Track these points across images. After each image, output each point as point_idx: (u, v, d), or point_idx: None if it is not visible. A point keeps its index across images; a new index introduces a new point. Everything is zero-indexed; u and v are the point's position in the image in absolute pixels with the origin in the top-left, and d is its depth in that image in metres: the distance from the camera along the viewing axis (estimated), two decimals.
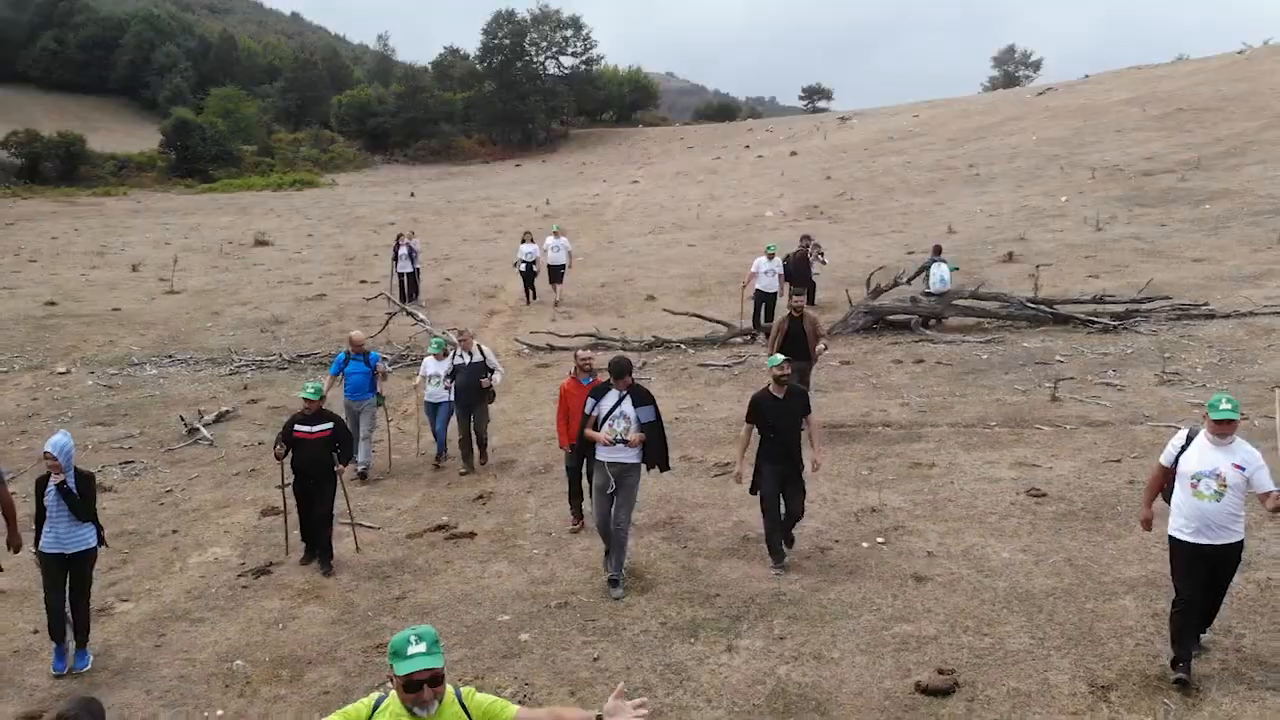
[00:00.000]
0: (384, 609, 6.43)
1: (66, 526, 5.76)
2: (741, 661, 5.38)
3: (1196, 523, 4.84)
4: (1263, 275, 15.24)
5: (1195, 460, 4.91)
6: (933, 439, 9.19)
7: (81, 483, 5.85)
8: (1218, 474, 4.80)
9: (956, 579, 6.18)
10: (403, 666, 2.59)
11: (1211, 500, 4.80)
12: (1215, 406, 4.85)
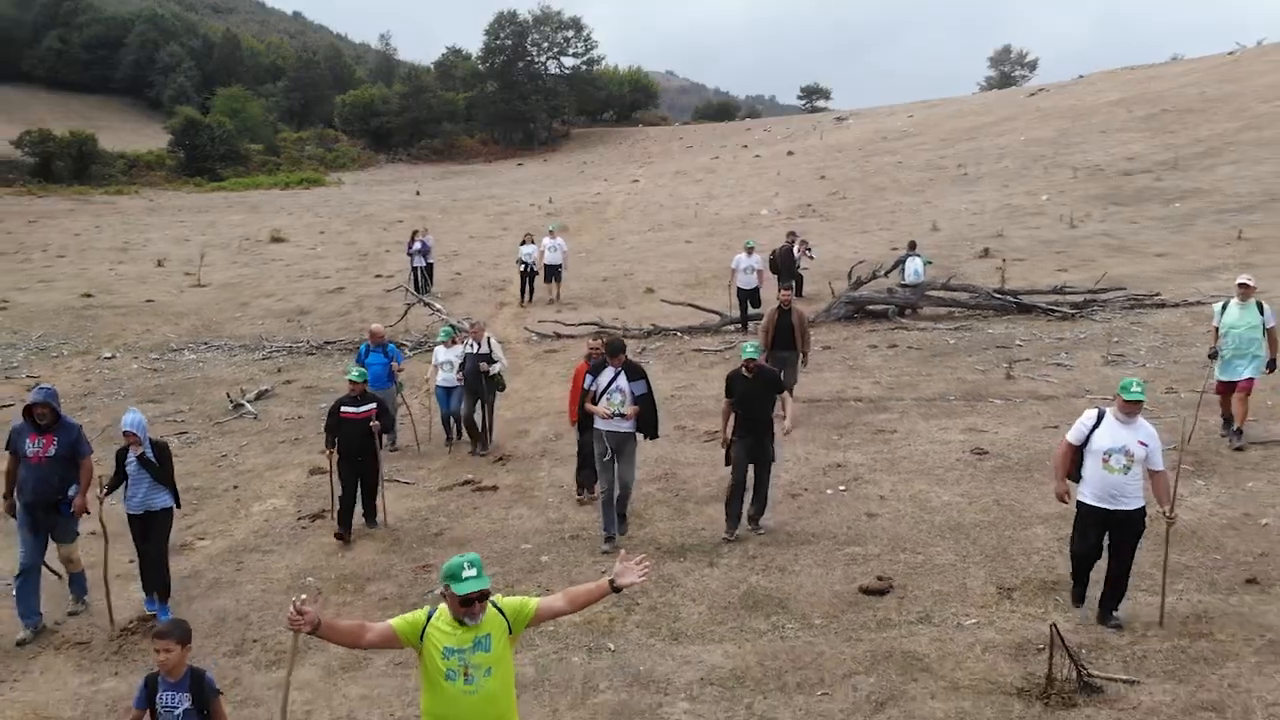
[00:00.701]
0: (425, 541, 7.73)
1: (147, 491, 6.62)
2: (720, 573, 6.68)
3: (1105, 492, 5.55)
4: (1217, 268, 16.52)
5: (1107, 438, 5.56)
6: (897, 410, 10.48)
7: (158, 452, 6.69)
8: (1127, 450, 5.50)
9: (901, 515, 7.47)
10: (460, 588, 3.29)
11: (1120, 473, 5.50)
12: (1127, 389, 5.52)
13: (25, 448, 6.50)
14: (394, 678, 5.64)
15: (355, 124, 67.90)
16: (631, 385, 7.36)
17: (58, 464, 6.54)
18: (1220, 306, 8.85)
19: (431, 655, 3.39)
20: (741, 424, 7.33)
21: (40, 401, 6.52)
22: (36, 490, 6.48)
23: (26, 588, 6.49)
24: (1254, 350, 8.44)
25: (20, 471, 6.57)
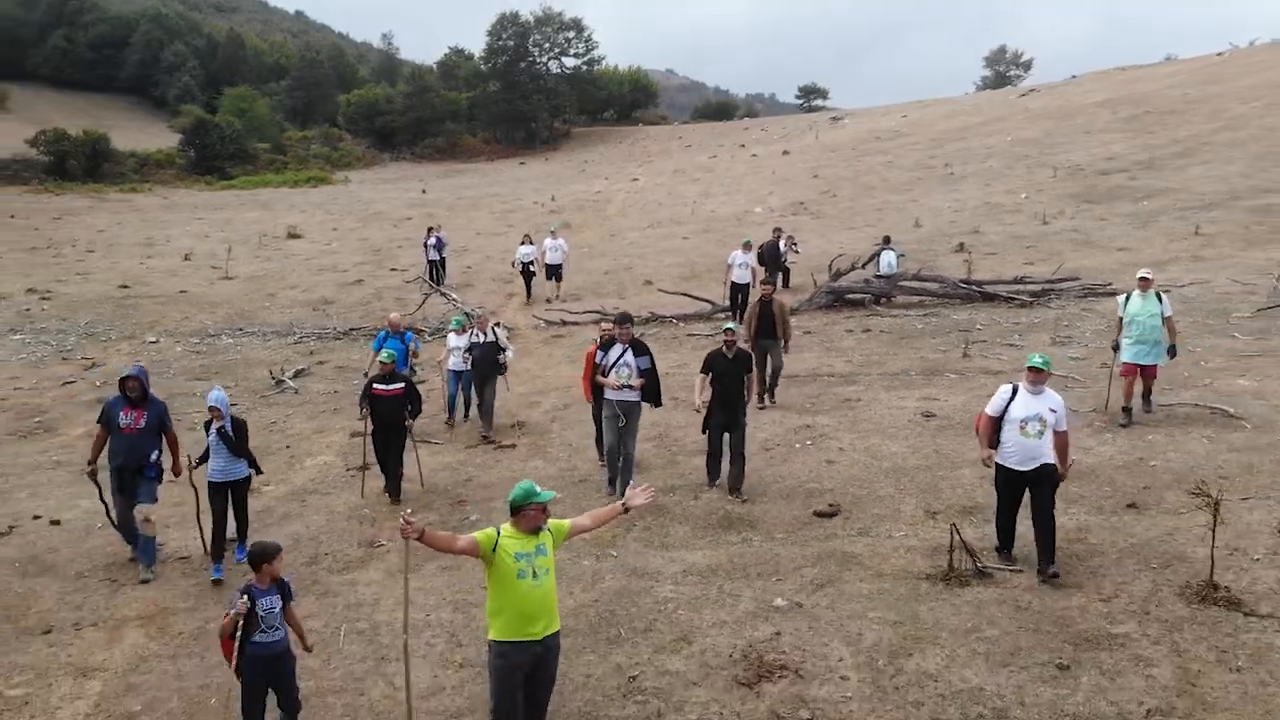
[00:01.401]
0: (458, 485, 9.28)
1: (226, 460, 7.51)
2: (702, 504, 8.22)
3: (1021, 454, 6.40)
4: (1170, 261, 18.06)
5: (1022, 408, 6.45)
6: (863, 383, 12.02)
7: (236, 427, 7.56)
8: (1040, 417, 6.39)
9: (855, 462, 9.00)
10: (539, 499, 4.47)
11: (1035, 438, 6.38)
12: (1031, 359, 6.51)
13: (119, 419, 7.55)
14: (440, 577, 7.18)
15: (360, 123, 69.42)
16: (638, 360, 8.51)
17: (146, 434, 7.59)
18: (1124, 298, 9.96)
19: (505, 561, 4.48)
20: (717, 398, 8.44)
21: (131, 375, 7.67)
22: (128, 456, 7.52)
23: (134, 536, 7.59)
24: (1156, 337, 9.51)
25: (112, 441, 7.60)
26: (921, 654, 5.55)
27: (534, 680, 4.64)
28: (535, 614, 4.57)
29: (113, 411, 7.64)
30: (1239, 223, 20.67)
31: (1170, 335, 9.67)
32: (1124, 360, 9.69)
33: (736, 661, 5.60)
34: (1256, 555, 6.50)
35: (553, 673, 4.76)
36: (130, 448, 7.55)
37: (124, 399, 7.62)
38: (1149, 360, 9.59)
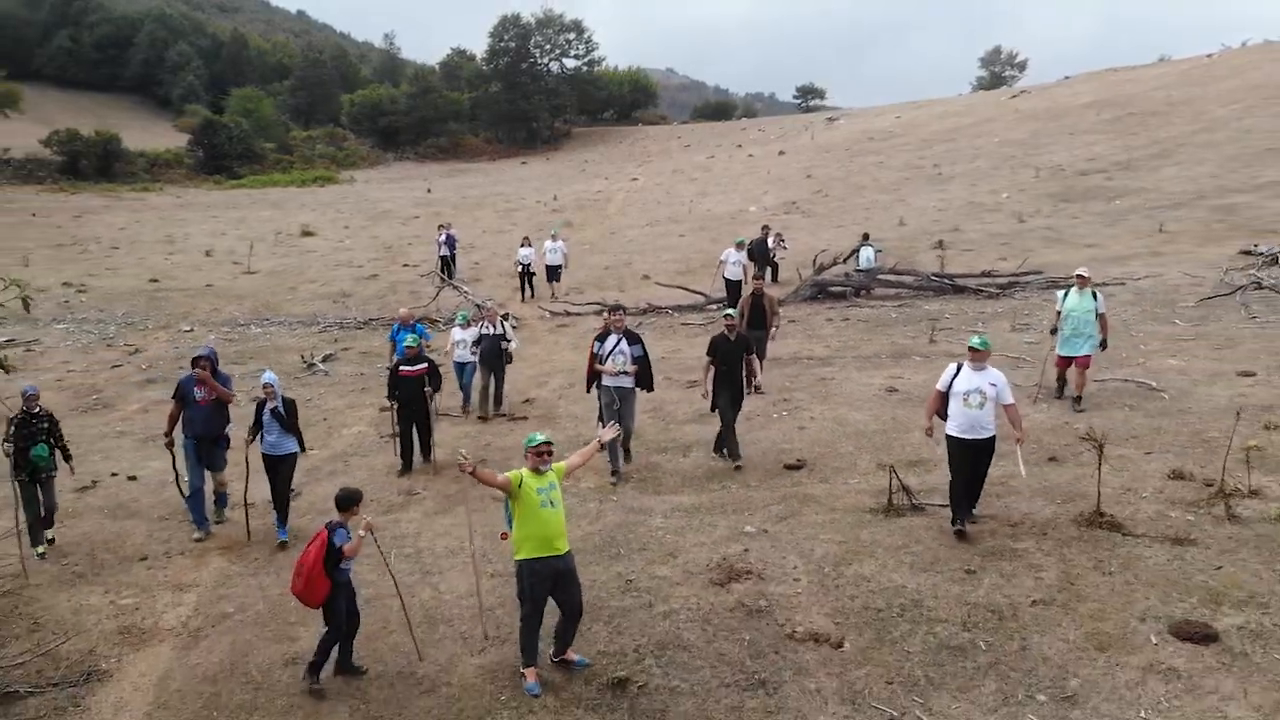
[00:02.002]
0: (480, 449, 10.70)
1: (277, 436, 8.35)
2: (690, 461, 9.66)
3: (966, 424, 7.31)
4: (1132, 257, 19.48)
5: (965, 383, 7.35)
6: (838, 365, 13.45)
7: (287, 406, 8.43)
8: (980, 391, 7.27)
9: (823, 428, 10.43)
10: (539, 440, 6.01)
11: (976, 409, 7.27)
12: (970, 342, 7.48)
13: (193, 394, 8.56)
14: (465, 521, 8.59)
15: (364, 123, 70.87)
16: (631, 349, 9.66)
17: (217, 407, 8.68)
18: (1062, 293, 10.97)
19: (530, 494, 5.84)
20: (721, 378, 9.61)
21: (203, 355, 8.81)
22: (204, 427, 8.57)
23: (196, 502, 8.66)
24: (1089, 331, 10.53)
25: (187, 413, 8.57)
26: (859, 563, 6.99)
27: (563, 587, 5.98)
28: (555, 535, 5.95)
29: (186, 388, 8.67)
30: (1201, 221, 22.07)
31: (1102, 329, 10.60)
32: (1058, 353, 10.75)
33: (711, 569, 7.04)
34: (1145, 494, 7.93)
35: (577, 578, 6.14)
36: (205, 420, 8.63)
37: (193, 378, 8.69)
38: (1081, 351, 10.54)
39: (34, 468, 8.15)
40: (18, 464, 8.13)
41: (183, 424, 8.70)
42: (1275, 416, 9.52)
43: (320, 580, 5.99)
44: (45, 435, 8.27)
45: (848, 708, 5.51)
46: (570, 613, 6.04)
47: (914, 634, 6.13)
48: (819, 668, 5.88)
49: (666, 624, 6.41)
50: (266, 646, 6.59)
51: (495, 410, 12.42)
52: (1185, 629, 6.03)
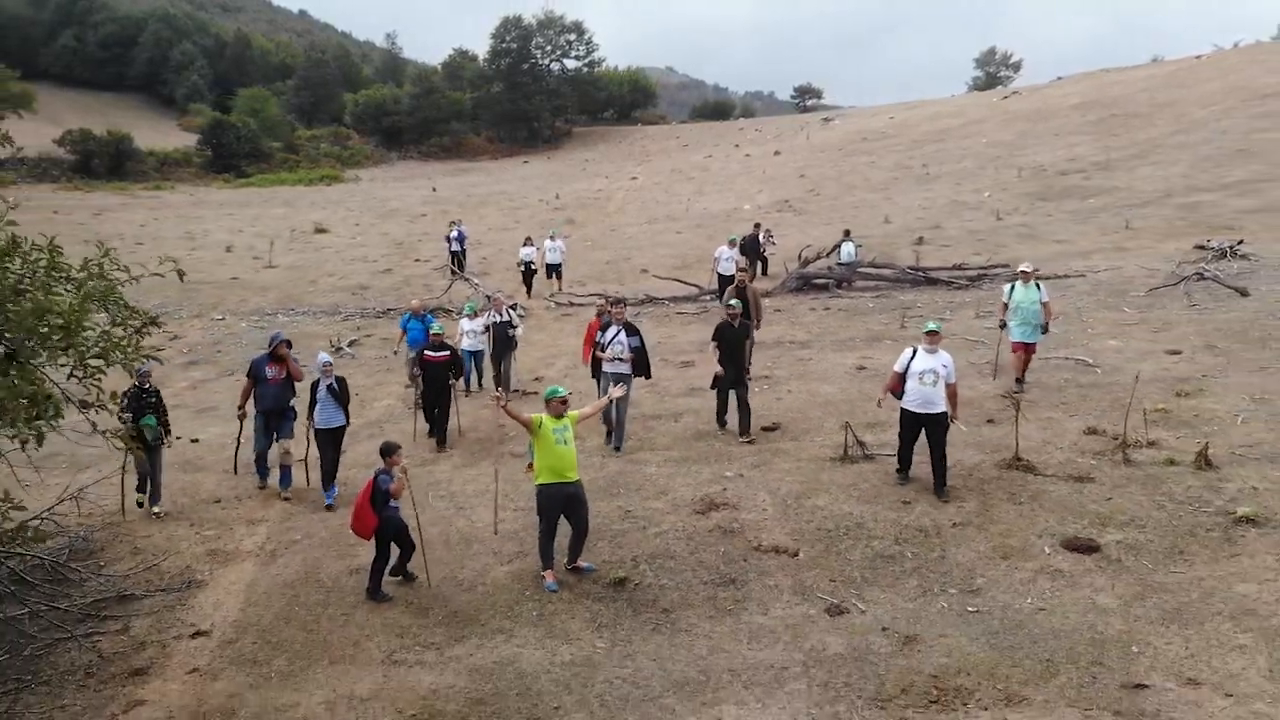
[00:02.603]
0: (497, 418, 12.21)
1: (331, 411, 9.61)
2: (680, 425, 11.21)
3: (920, 400, 8.48)
4: (1096, 252, 21.02)
5: (920, 364, 8.54)
6: (816, 347, 15.00)
7: (340, 383, 9.74)
8: (934, 371, 8.46)
9: (797, 398, 11.98)
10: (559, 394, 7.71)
11: (930, 387, 8.44)
12: (925, 326, 9.22)
13: (265, 373, 9.83)
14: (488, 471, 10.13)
15: (368, 122, 72.39)
16: (629, 340, 10.96)
17: (286, 384, 9.88)
18: (1009, 287, 12.28)
19: (548, 433, 7.45)
20: (725, 359, 10.78)
21: (277, 335, 10.23)
22: (273, 402, 9.79)
23: (261, 463, 10.15)
24: (1035, 320, 11.74)
25: (258, 390, 9.79)
26: (816, 497, 8.54)
27: (573, 508, 7.53)
28: (567, 467, 7.51)
29: (259, 368, 9.91)
30: (1165, 218, 23.61)
31: (1046, 316, 11.83)
32: (1013, 340, 11.93)
33: (695, 503, 8.59)
34: (1060, 446, 9.48)
35: (585, 502, 7.68)
36: (275, 395, 9.87)
37: (267, 357, 9.96)
38: (1032, 339, 11.80)
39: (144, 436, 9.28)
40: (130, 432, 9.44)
41: (254, 399, 9.95)
42: (1187, 386, 11.07)
43: (369, 516, 7.42)
44: (153, 408, 9.47)
45: (798, 598, 7.06)
46: (579, 529, 7.58)
47: (855, 547, 7.69)
48: (778, 570, 7.43)
49: (657, 541, 7.96)
50: (332, 562, 8.14)
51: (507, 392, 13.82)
52: (1074, 543, 7.58)
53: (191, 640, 7.14)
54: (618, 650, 6.54)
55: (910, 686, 5.86)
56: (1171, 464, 8.73)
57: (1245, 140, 31.89)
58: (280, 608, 7.47)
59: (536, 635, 6.81)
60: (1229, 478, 8.38)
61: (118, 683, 6.66)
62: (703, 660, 6.33)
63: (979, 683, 5.86)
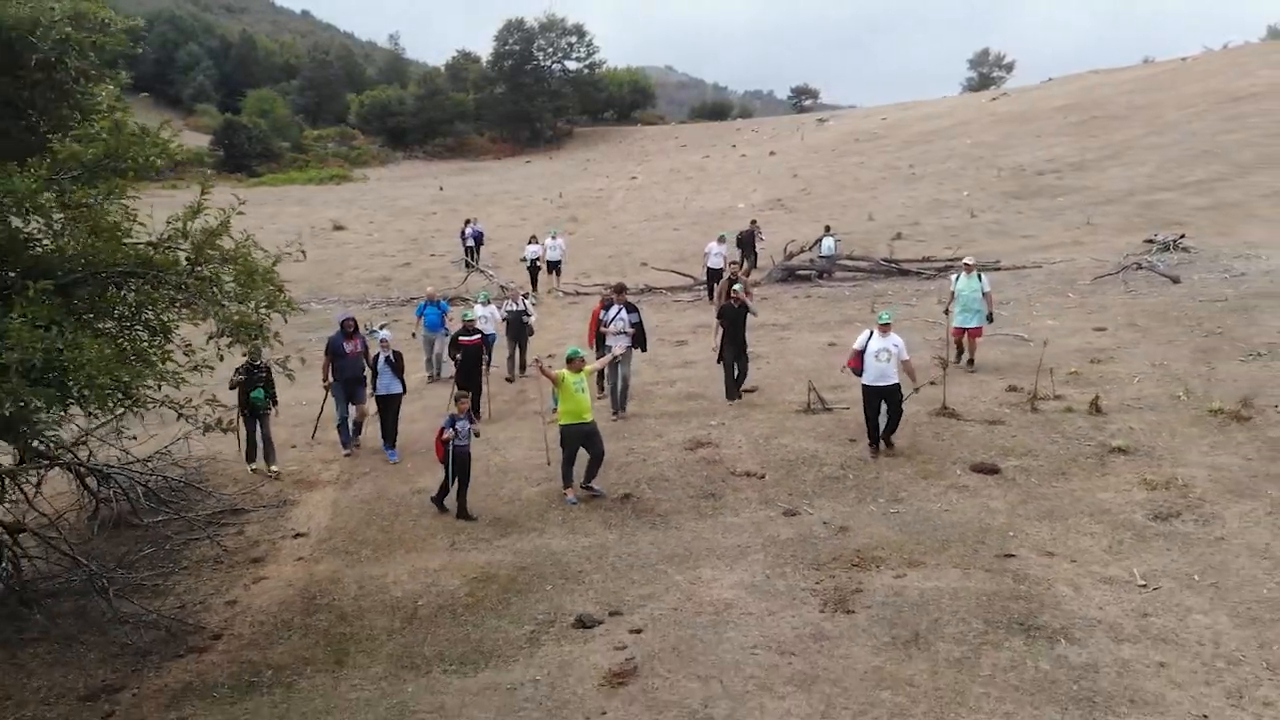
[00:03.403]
0: (514, 394, 14.41)
1: (389, 380, 11.43)
2: (675, 390, 13.40)
3: (876, 375, 10.06)
4: (1056, 246, 23.18)
5: (876, 345, 10.12)
6: (795, 329, 17.19)
7: (396, 356, 11.69)
8: (887, 350, 10.07)
9: (775, 368, 14.17)
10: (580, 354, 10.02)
11: (885, 363, 10.04)
12: (880, 317, 11.32)
13: (343, 347, 11.54)
14: (521, 427, 12.32)
15: (373, 122, 74.54)
16: (630, 316, 13.08)
17: (360, 357, 11.69)
18: (955, 277, 14.27)
19: (569, 384, 9.64)
20: (728, 336, 12.89)
21: (349, 318, 12.14)
22: (351, 372, 11.51)
23: (343, 429, 12.05)
24: (977, 307, 13.61)
25: (337, 363, 11.43)
26: (782, 437, 10.74)
27: (590, 442, 9.70)
28: (584, 410, 9.70)
29: (337, 343, 11.61)
30: (1125, 215, 25.77)
31: (988, 305, 13.67)
32: (954, 325, 13.82)
33: (685, 443, 10.79)
34: (984, 400, 11.68)
35: (599, 435, 9.85)
36: (352, 366, 11.59)
37: (343, 334, 11.84)
38: (972, 324, 13.67)
39: (253, 406, 11.04)
40: (241, 401, 11.01)
41: (334, 371, 11.65)
42: (1102, 355, 13.27)
43: (439, 445, 9.64)
44: (263, 382, 11.14)
45: (763, 506, 9.25)
46: (595, 456, 9.77)
47: (809, 472, 9.88)
48: (748, 487, 9.62)
49: (654, 469, 10.16)
50: (398, 485, 10.34)
51: (520, 374, 15.75)
52: (980, 466, 9.77)
53: (294, 539, 9.33)
54: (624, 539, 8.72)
55: (839, 557, 8.04)
56: (1069, 411, 10.93)
57: (1211, 142, 34.04)
58: (360, 516, 9.66)
59: (562, 531, 9.00)
60: (1113, 421, 10.58)
61: (242, 567, 8.85)
62: (688, 544, 8.52)
63: (890, 554, 8.04)
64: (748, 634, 6.92)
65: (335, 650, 7.29)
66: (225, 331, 7.01)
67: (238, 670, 7.16)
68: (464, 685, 6.65)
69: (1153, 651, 6.42)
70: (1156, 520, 8.38)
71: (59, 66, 6.79)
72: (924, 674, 6.29)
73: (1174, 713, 5.80)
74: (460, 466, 9.55)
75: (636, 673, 6.52)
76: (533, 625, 7.34)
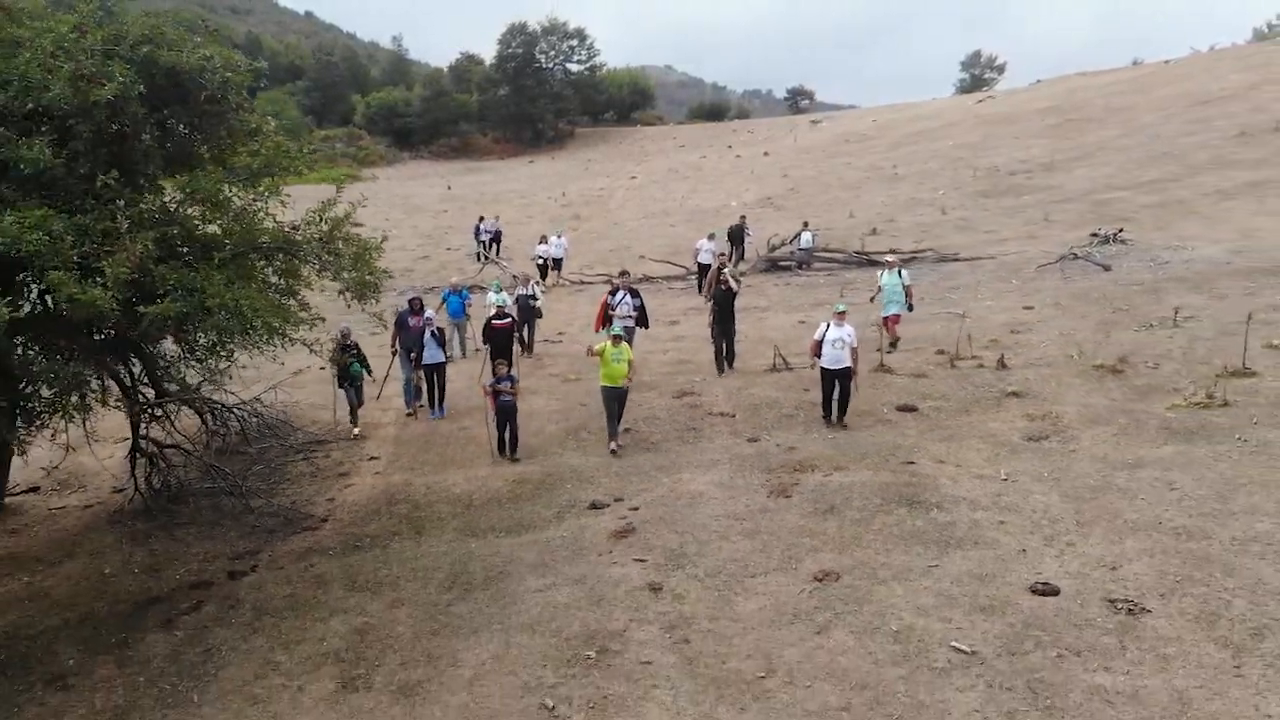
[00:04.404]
0: (548, 353, 17.27)
1: (434, 350, 14.18)
2: (667, 358, 16.27)
3: (832, 359, 11.95)
4: (1013, 239, 26.02)
5: (833, 334, 11.99)
6: (773, 310, 20.05)
7: (440, 332, 15.22)
8: (841, 339, 11.98)
9: (751, 339, 17.00)
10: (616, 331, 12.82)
11: (839, 350, 11.92)
12: (836, 307, 14.22)
13: (408, 321, 14.62)
14: (540, 389, 15.16)
15: (379, 123, 77.32)
16: (633, 300, 16.12)
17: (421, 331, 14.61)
18: (881, 273, 17.09)
19: (608, 355, 12.10)
20: (719, 315, 15.65)
21: (415, 296, 15.24)
22: (414, 342, 14.39)
23: (408, 389, 14.78)
24: (898, 298, 16.30)
25: (403, 335, 14.50)
26: (751, 388, 13.60)
27: (619, 401, 12.46)
28: (619, 375, 12.38)
29: (404, 318, 14.47)
30: (1079, 212, 28.60)
31: (909, 296, 16.30)
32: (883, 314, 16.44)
33: (673, 393, 13.66)
34: (915, 361, 14.53)
35: (625, 399, 12.61)
36: (415, 338, 14.27)
37: (409, 310, 14.84)
38: (891, 312, 16.29)
39: (351, 376, 13.66)
40: (340, 374, 13.71)
41: (399, 341, 14.47)
42: (1022, 328, 16.13)
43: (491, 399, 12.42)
44: (355, 356, 13.81)
45: (732, 436, 12.10)
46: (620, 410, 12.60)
47: (770, 412, 12.74)
48: (721, 423, 12.48)
49: (649, 412, 13.03)
50: (447, 425, 13.23)
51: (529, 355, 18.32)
52: (903, 407, 12.63)
53: (369, 461, 12.21)
54: (627, 459, 11.59)
55: (785, 465, 10.90)
56: (981, 367, 13.80)
57: (1172, 144, 36.84)
58: (419, 446, 12.54)
59: (578, 455, 11.88)
60: (1014, 374, 13.44)
61: (334, 479, 11.72)
62: (673, 459, 11.39)
63: (822, 463, 10.89)
64: (713, 510, 9.78)
65: (414, 526, 10.16)
66: (350, 289, 9.79)
67: (344, 539, 10.02)
68: (513, 542, 9.51)
69: (998, 516, 9.27)
70: (1029, 441, 11.24)
71: (222, 101, 9.62)
72: (833, 528, 9.15)
73: (1002, 548, 8.64)
74: (507, 415, 12.31)
75: (633, 531, 9.38)
76: (559, 508, 10.21)
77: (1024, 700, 6.54)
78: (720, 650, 7.30)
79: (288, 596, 8.81)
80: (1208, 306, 16.30)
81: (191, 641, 8.26)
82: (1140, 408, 11.89)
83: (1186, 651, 6.96)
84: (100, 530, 10.82)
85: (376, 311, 11.13)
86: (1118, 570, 8.10)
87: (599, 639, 7.54)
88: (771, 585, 8.21)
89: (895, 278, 16.27)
